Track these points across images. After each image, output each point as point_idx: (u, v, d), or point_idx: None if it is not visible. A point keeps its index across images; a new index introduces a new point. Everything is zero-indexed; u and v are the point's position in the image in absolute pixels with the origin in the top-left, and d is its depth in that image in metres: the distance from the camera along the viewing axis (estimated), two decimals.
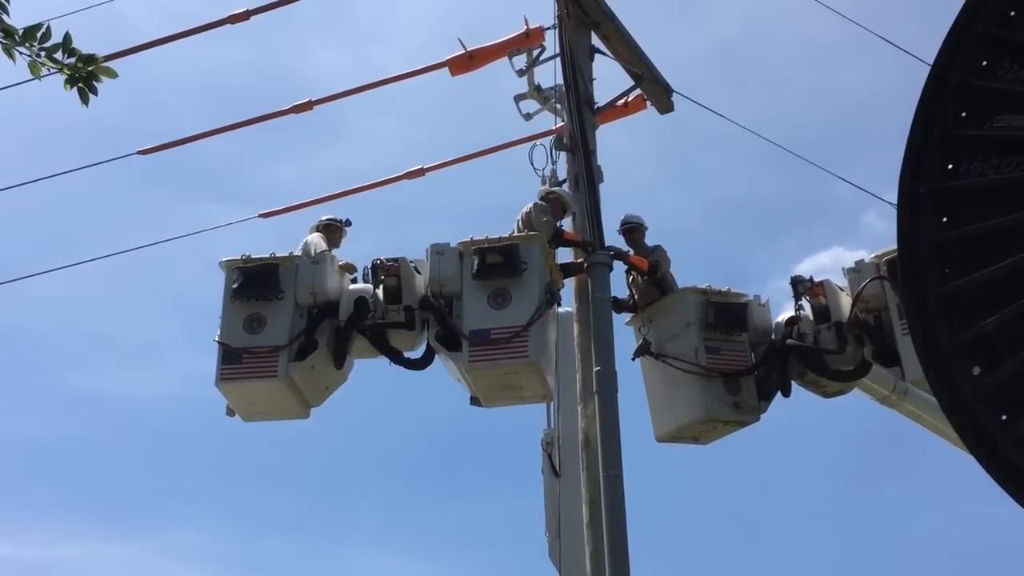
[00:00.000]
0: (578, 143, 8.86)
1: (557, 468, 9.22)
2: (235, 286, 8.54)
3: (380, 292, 8.54)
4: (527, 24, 9.58)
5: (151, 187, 26.43)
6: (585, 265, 8.63)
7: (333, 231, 9.20)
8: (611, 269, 8.64)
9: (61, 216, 25.93)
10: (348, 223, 9.31)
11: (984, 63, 3.68)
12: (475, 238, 8.37)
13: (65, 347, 26.52)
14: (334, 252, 9.04)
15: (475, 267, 8.20)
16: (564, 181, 9.03)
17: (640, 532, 7.76)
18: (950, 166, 3.66)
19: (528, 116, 9.92)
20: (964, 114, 3.69)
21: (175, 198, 25.16)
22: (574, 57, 9.07)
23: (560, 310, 8.88)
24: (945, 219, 3.66)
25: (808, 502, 23.89)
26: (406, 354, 8.57)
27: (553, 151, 9.09)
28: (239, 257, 8.65)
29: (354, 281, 8.89)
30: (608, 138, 10.01)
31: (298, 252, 8.85)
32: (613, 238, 9.00)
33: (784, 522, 24.78)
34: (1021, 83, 3.61)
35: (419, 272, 8.57)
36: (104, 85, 4.38)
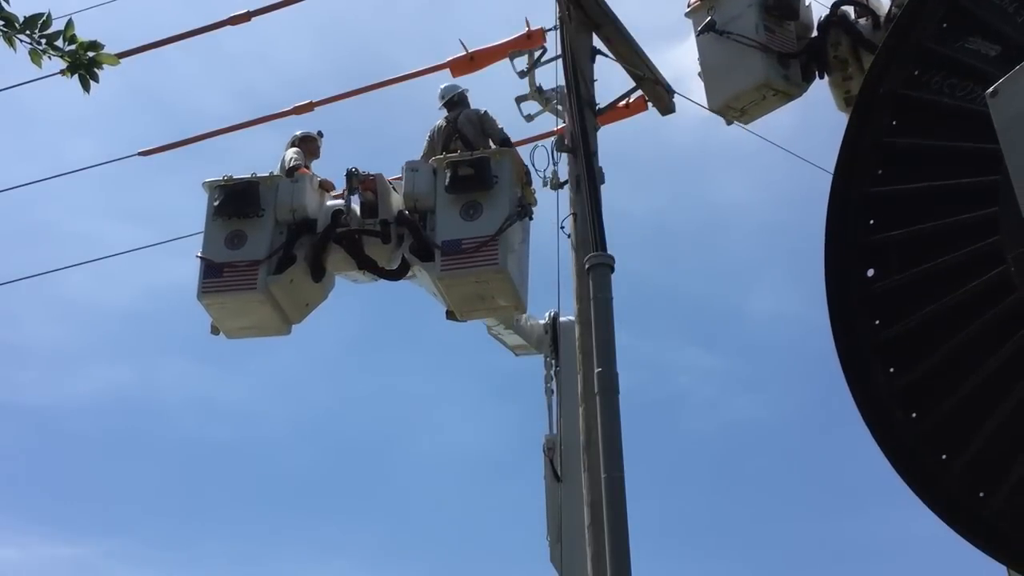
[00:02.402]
0: (579, 144, 8.81)
1: (558, 472, 9.21)
2: (216, 204, 8.75)
3: (357, 208, 8.76)
4: (528, 25, 9.60)
5: (152, 187, 26.46)
6: (587, 267, 8.60)
7: (309, 142, 9.40)
8: (612, 270, 8.60)
9: (63, 216, 25.95)
10: (320, 134, 9.53)
11: None
12: (448, 155, 8.63)
13: None
14: (313, 163, 9.22)
15: (447, 180, 8.43)
16: (566, 182, 9.00)
17: (642, 532, 7.70)
18: (916, 73, 3.82)
19: (529, 117, 9.92)
20: (945, 25, 3.81)
21: (176, 198, 25.20)
22: (575, 58, 9.03)
23: (562, 319, 9.07)
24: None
25: (809, 502, 23.89)
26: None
27: (554, 152, 9.06)
28: (221, 177, 8.84)
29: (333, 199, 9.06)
30: (610, 139, 10.02)
31: (277, 169, 9.03)
32: (614, 238, 8.94)
33: (784, 522, 24.76)
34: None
35: (396, 191, 8.79)
36: (105, 87, 4.38)
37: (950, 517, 3.66)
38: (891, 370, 3.76)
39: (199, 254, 8.72)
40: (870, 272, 3.82)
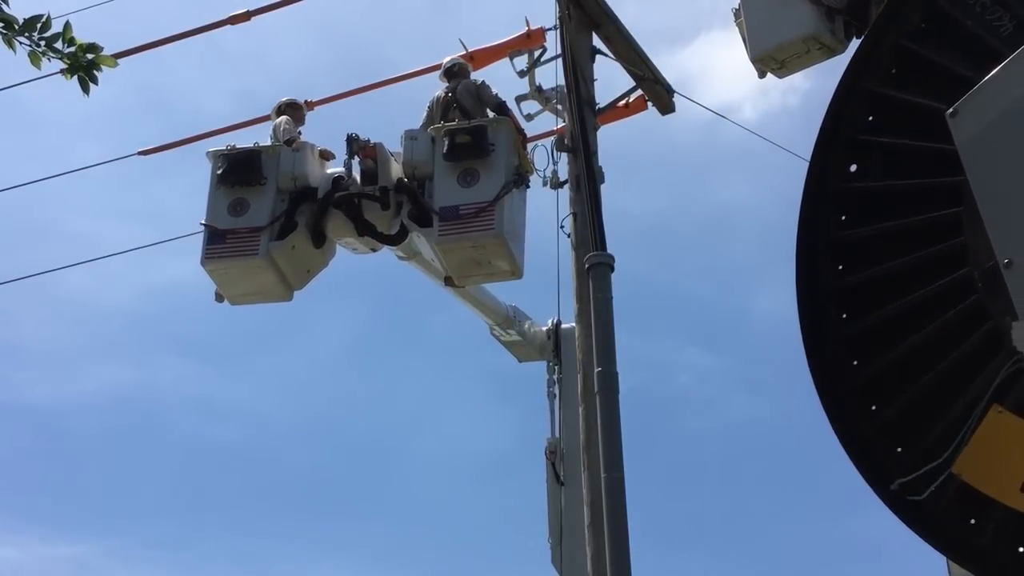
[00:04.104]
0: (579, 144, 8.80)
1: (560, 476, 9.24)
2: (219, 172, 8.93)
3: (358, 176, 8.94)
4: (528, 25, 9.61)
5: (152, 187, 26.48)
6: (587, 266, 8.59)
7: (296, 109, 9.60)
8: (612, 270, 8.60)
9: (63, 216, 25.94)
10: (307, 102, 9.82)
11: None
12: (447, 124, 8.78)
13: None
14: (300, 129, 9.41)
15: (445, 148, 8.60)
16: (566, 182, 8.99)
17: (642, 532, 7.72)
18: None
19: (529, 117, 9.94)
20: None
21: (176, 198, 25.22)
22: (575, 58, 9.02)
23: (564, 325, 9.21)
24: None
25: (809, 502, 23.89)
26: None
27: (554, 152, 9.07)
28: (224, 146, 9.04)
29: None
30: (610, 139, 10.01)
31: (269, 135, 9.24)
32: (614, 238, 8.96)
33: (784, 522, 24.76)
34: None
35: (396, 160, 8.94)
36: (109, 89, 4.39)
37: (835, 421, 3.74)
38: (839, 268, 3.85)
39: (203, 221, 8.87)
40: (852, 167, 3.85)
